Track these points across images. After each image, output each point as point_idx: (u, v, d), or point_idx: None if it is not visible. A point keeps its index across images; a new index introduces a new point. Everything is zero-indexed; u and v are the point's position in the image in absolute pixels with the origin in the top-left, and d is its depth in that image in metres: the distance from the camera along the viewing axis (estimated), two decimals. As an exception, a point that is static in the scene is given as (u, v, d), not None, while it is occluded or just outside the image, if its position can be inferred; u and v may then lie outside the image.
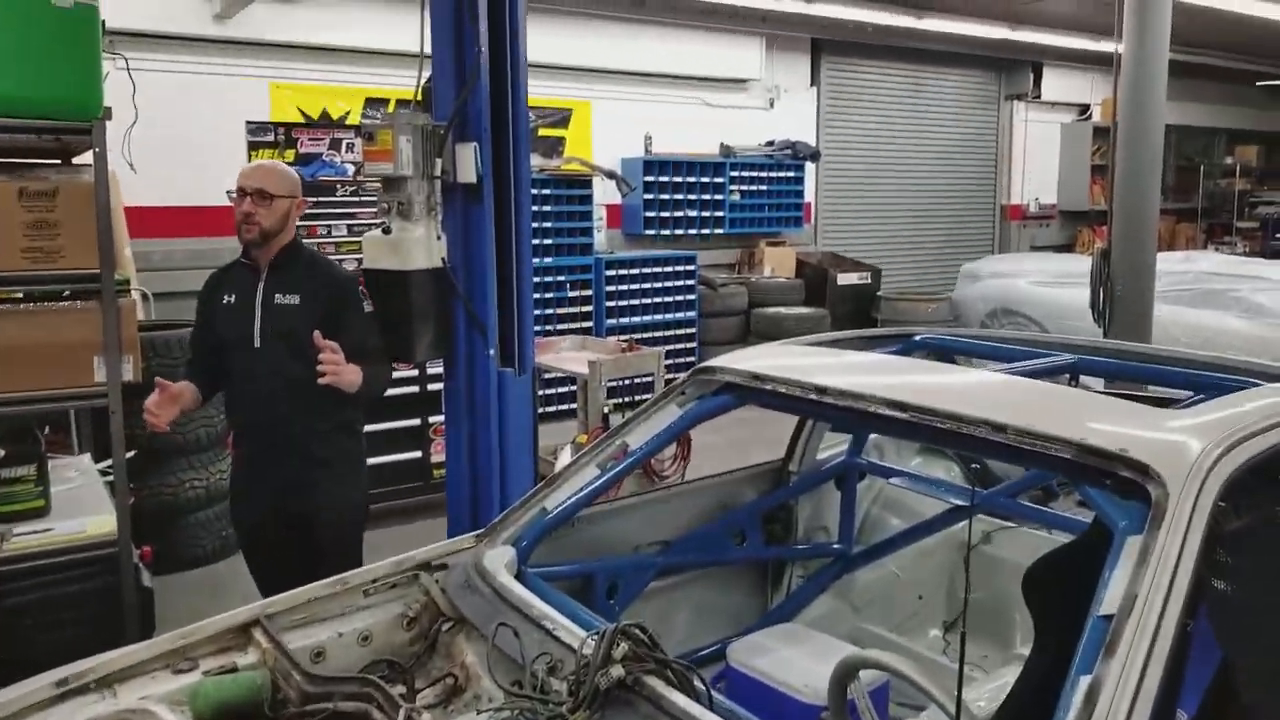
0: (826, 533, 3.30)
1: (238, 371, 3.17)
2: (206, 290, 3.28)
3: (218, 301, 3.21)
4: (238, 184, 3.10)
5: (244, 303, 3.14)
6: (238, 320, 3.14)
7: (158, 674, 2.08)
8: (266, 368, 3.11)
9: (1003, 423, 1.85)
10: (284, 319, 3.10)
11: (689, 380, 2.65)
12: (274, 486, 3.16)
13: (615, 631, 1.74)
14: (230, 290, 3.19)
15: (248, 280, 3.16)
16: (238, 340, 3.14)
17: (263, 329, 3.10)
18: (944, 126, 12.25)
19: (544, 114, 8.95)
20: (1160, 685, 1.42)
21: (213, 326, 3.22)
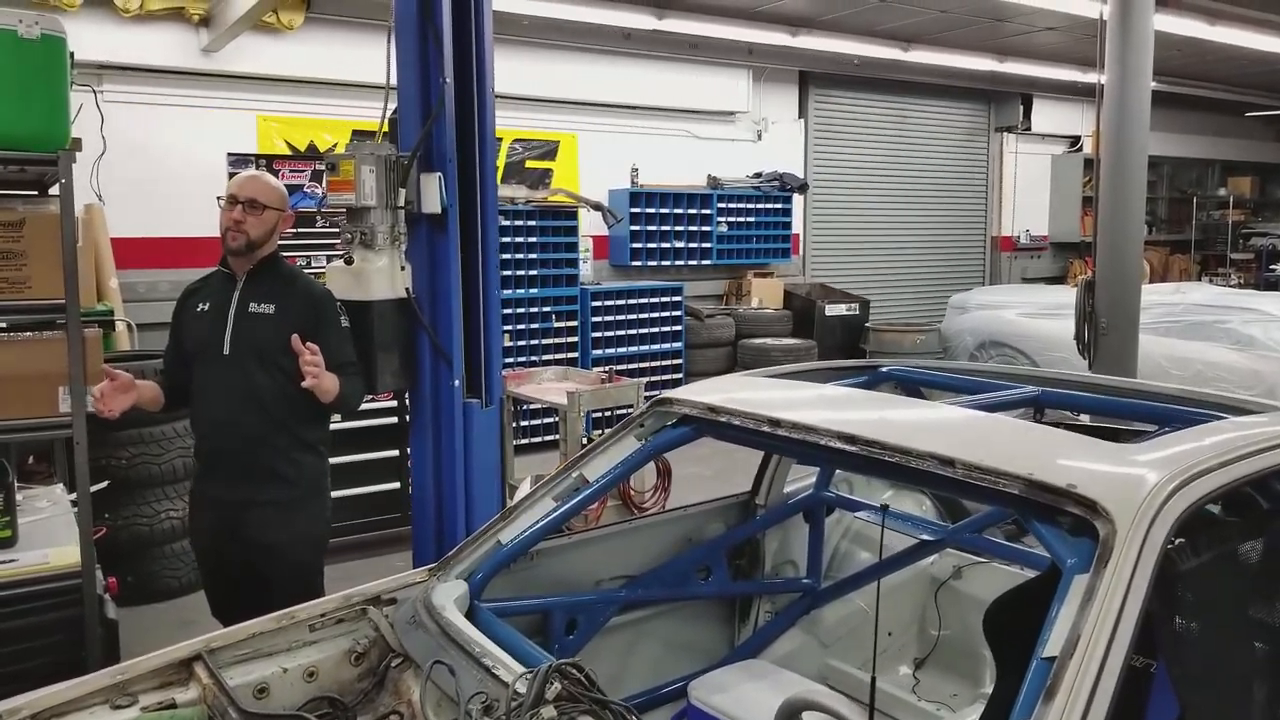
0: (795, 567, 3.26)
1: (203, 380, 3.10)
2: (181, 300, 3.24)
3: (191, 310, 3.16)
4: (229, 191, 3.07)
5: (217, 310, 3.09)
6: (209, 327, 3.08)
7: (95, 709, 2.04)
8: (233, 377, 3.04)
9: (950, 457, 1.82)
10: (256, 329, 3.04)
11: (648, 412, 2.63)
12: (232, 502, 3.06)
13: (549, 670, 1.70)
14: (205, 299, 3.14)
15: (224, 289, 3.12)
16: (206, 347, 3.08)
17: (233, 337, 3.05)
18: (933, 158, 12.32)
19: (531, 146, 8.99)
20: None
21: (183, 336, 3.18)
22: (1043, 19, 9.21)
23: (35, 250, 3.31)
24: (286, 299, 3.07)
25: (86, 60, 6.87)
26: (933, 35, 9.88)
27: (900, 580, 3.18)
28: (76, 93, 3.86)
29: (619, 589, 2.89)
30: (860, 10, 8.82)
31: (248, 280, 3.09)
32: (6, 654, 3.32)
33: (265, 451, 3.05)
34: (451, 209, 3.27)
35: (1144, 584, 1.52)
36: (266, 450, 3.05)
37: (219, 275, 3.17)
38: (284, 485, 3.08)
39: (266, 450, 3.05)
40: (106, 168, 5.37)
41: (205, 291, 3.18)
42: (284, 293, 3.09)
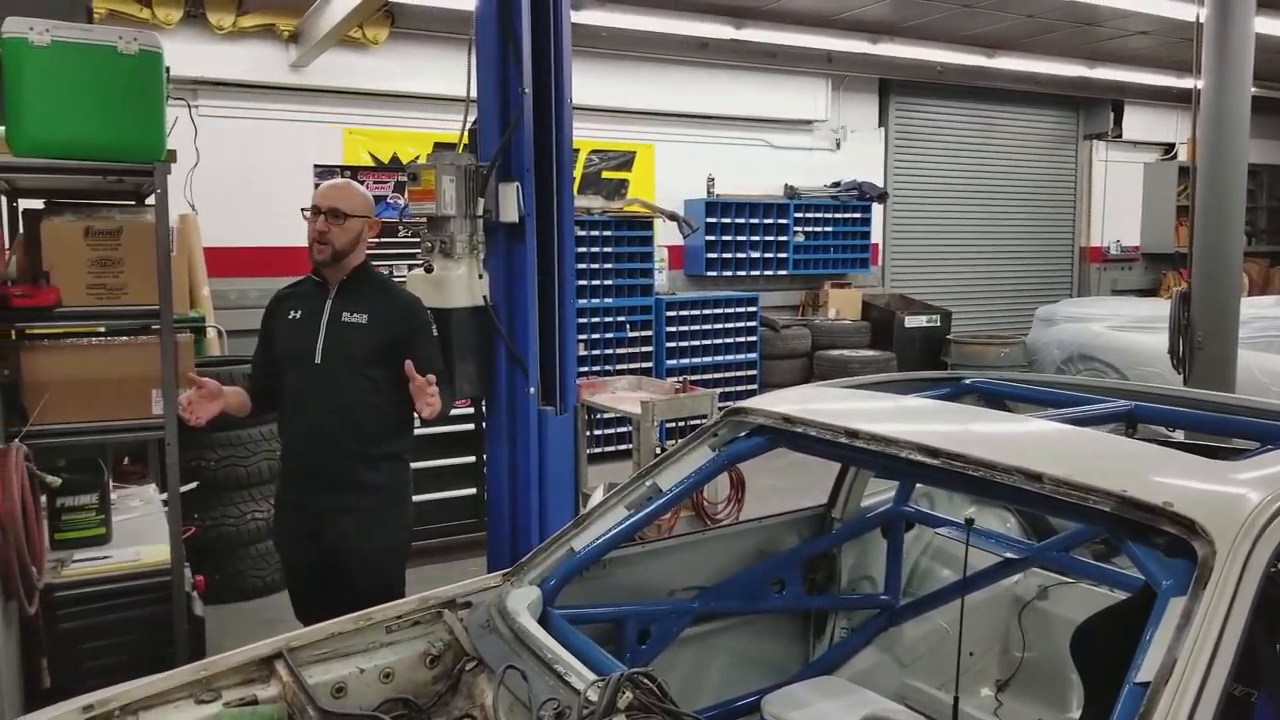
0: (872, 583, 3.20)
1: (294, 388, 3.10)
2: (271, 306, 3.24)
3: (282, 316, 3.17)
4: (312, 202, 3.07)
5: (310, 318, 3.09)
6: (301, 335, 3.09)
7: (181, 703, 2.09)
8: (324, 385, 3.04)
9: (1038, 471, 1.76)
10: (349, 337, 3.05)
11: (721, 422, 2.61)
12: (317, 510, 3.07)
13: (621, 678, 1.69)
14: (296, 306, 3.14)
15: (316, 297, 3.12)
16: (297, 355, 3.08)
17: (326, 346, 3.05)
18: (1019, 166, 12.03)
19: (607, 157, 9.05)
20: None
21: (274, 342, 3.18)
22: (1135, 22, 8.92)
23: (131, 258, 3.45)
24: (379, 308, 3.08)
25: (183, 76, 7.13)
26: (1019, 41, 9.65)
27: (983, 599, 3.09)
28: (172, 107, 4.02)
29: (692, 600, 2.86)
30: (943, 16, 8.67)
31: (340, 289, 3.10)
32: (99, 647, 3.45)
33: (351, 460, 3.05)
34: (529, 218, 3.30)
35: (1245, 609, 1.44)
36: (353, 459, 3.05)
37: (310, 282, 3.18)
38: (369, 494, 3.08)
39: (353, 459, 3.05)
40: (200, 179, 5.58)
41: (297, 298, 3.17)
42: (377, 302, 3.09)
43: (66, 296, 3.37)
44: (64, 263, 3.37)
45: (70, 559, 3.72)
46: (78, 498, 3.83)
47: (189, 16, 7.05)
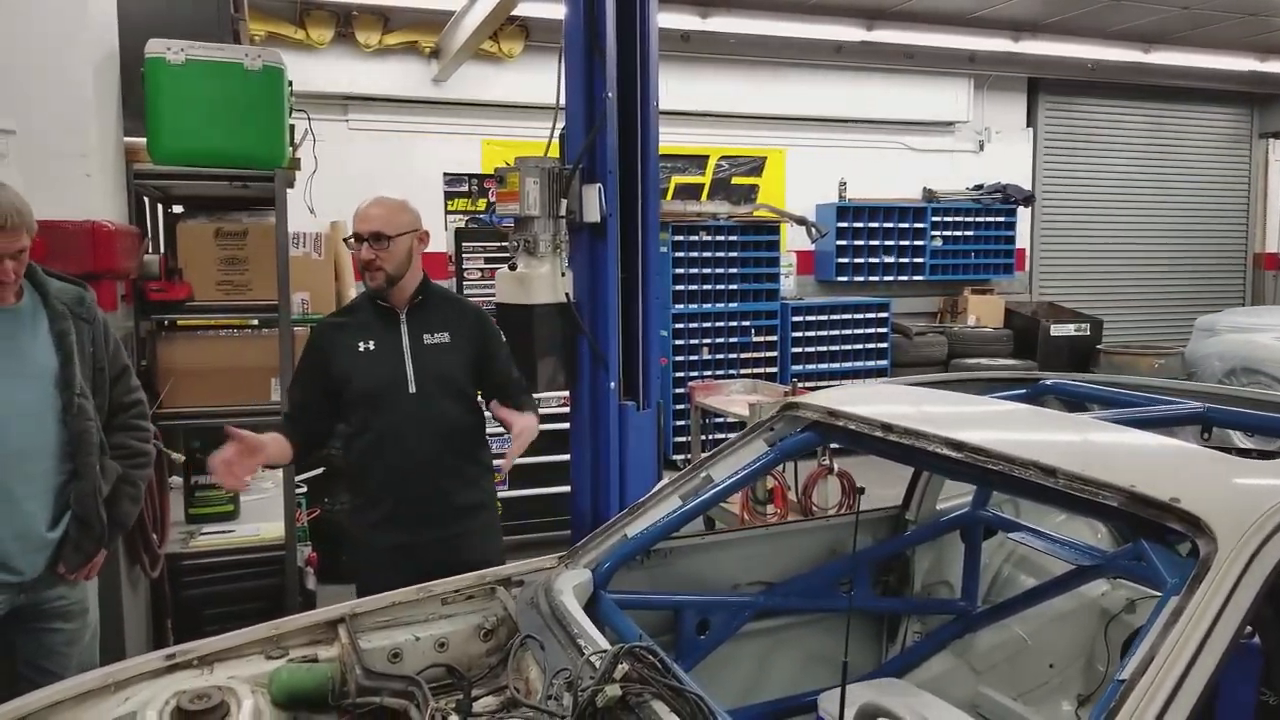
0: (949, 588, 3.12)
1: (384, 422, 2.86)
2: (321, 341, 2.96)
3: (347, 350, 2.88)
4: (354, 229, 2.88)
5: (387, 347, 2.88)
6: (382, 367, 2.87)
7: (251, 657, 2.28)
8: (424, 414, 2.87)
9: (1052, 466, 1.72)
10: (438, 360, 2.90)
11: (778, 416, 2.62)
12: (423, 544, 2.87)
13: (621, 650, 1.75)
14: (364, 336, 2.89)
15: (383, 323, 2.91)
16: (385, 388, 2.86)
17: (418, 373, 2.87)
18: (1183, 168, 11.29)
19: (737, 163, 9.08)
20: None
21: (344, 378, 2.89)
22: (1312, 10, 8.28)
23: (256, 257, 3.76)
24: (456, 324, 2.97)
25: (335, 92, 7.67)
26: (1178, 34, 9.09)
27: (1066, 609, 2.97)
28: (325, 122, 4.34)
29: (757, 594, 2.88)
30: (1090, 10, 8.27)
31: (410, 311, 2.93)
32: (218, 613, 3.77)
33: (457, 484, 2.94)
34: (611, 218, 3.39)
35: (1241, 610, 1.37)
36: (458, 483, 2.95)
37: (371, 308, 2.94)
38: (472, 515, 3.00)
39: (458, 483, 2.95)
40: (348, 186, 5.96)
41: (358, 328, 2.92)
42: (452, 318, 2.98)
43: (197, 292, 3.72)
44: (196, 261, 3.71)
45: (199, 532, 4.08)
46: (209, 477, 4.19)
47: (339, 36, 7.55)
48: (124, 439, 2.73)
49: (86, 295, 2.66)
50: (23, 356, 2.50)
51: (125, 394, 2.75)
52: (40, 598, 2.59)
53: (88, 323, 2.62)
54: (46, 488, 2.54)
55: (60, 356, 2.53)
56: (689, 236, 8.12)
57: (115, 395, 2.70)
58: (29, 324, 2.52)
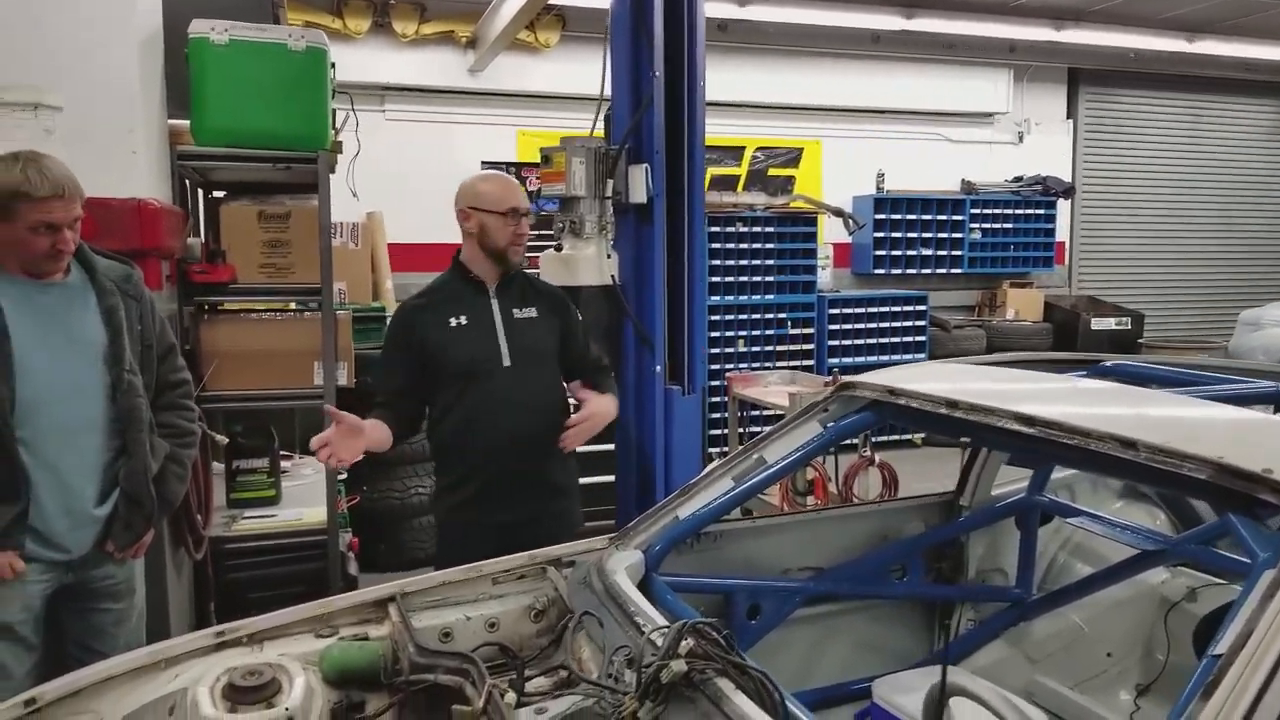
0: (1003, 575, 3.04)
1: (479, 398, 2.86)
2: (409, 320, 2.94)
3: (439, 327, 2.89)
4: (508, 205, 2.89)
5: (480, 322, 2.90)
6: (476, 342, 2.88)
7: (301, 636, 2.26)
8: (519, 389, 2.88)
9: (1132, 439, 1.65)
10: (529, 335, 2.92)
11: (832, 397, 2.57)
12: (516, 523, 2.83)
13: (685, 625, 1.70)
14: (454, 312, 2.90)
15: (472, 298, 2.93)
16: (483, 362, 2.87)
17: (512, 347, 2.88)
18: (1224, 160, 11.07)
19: (773, 154, 9.00)
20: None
21: (438, 355, 2.88)
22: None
23: (299, 240, 3.76)
24: (539, 300, 3.00)
25: (372, 82, 7.67)
26: (1224, 24, 8.90)
27: (1125, 597, 2.89)
28: (362, 113, 4.32)
29: (807, 580, 2.83)
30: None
31: (499, 287, 2.95)
32: (261, 597, 3.77)
33: (550, 460, 2.95)
34: (658, 200, 3.35)
35: (1347, 584, 1.30)
36: (551, 459, 2.95)
37: (456, 284, 2.97)
38: (562, 495, 3.00)
39: (551, 459, 2.95)
40: (384, 177, 5.96)
41: (448, 305, 2.93)
42: (534, 294, 3.01)
43: (240, 274, 3.71)
44: (239, 244, 3.71)
45: (241, 516, 4.09)
46: (251, 461, 4.20)
47: (376, 26, 7.56)
48: (171, 418, 2.72)
49: (134, 273, 2.66)
50: (71, 332, 2.49)
51: (172, 372, 2.74)
52: (88, 577, 2.59)
53: (135, 300, 2.61)
54: (95, 464, 2.54)
55: (109, 332, 2.52)
56: (725, 228, 8.05)
57: (162, 374, 2.70)
58: (78, 300, 2.52)
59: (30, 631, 2.50)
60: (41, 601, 2.51)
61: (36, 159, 2.34)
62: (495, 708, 1.79)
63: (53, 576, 2.52)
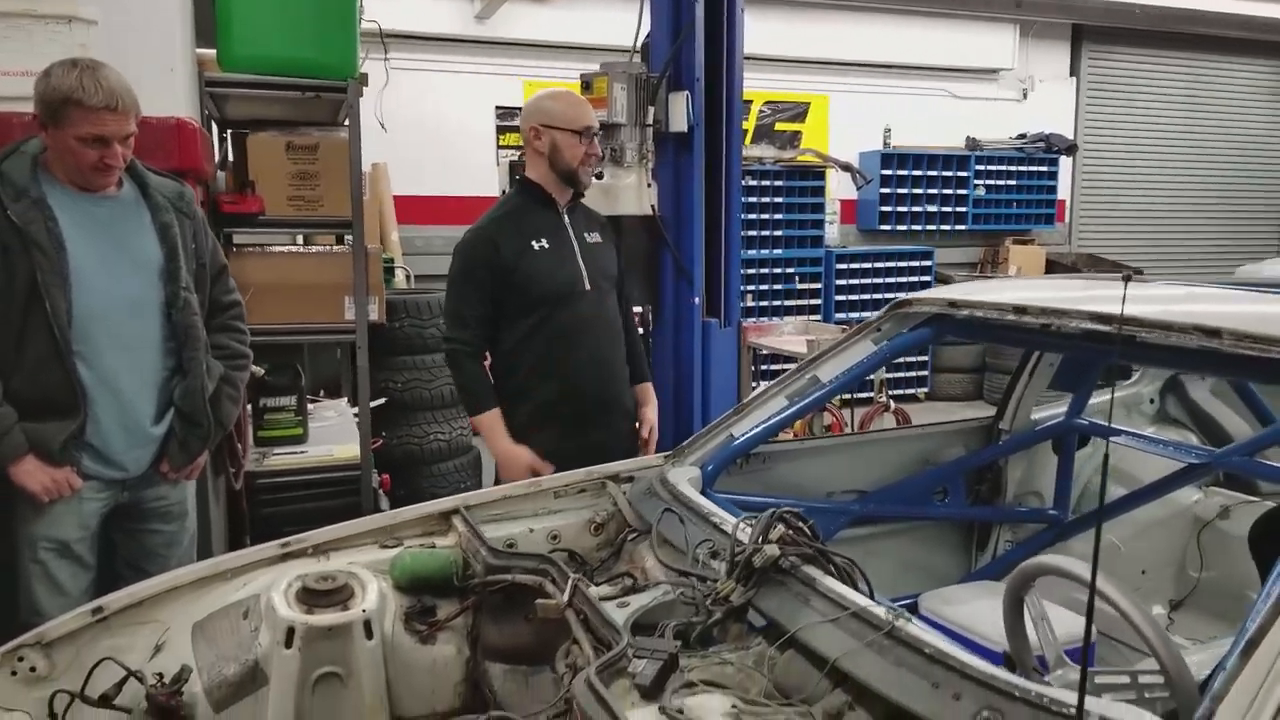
0: (1040, 498, 3.10)
1: (563, 322, 2.84)
2: (490, 242, 2.83)
3: (522, 250, 2.80)
4: (582, 123, 2.82)
5: (560, 245, 2.84)
6: (559, 265, 2.83)
7: (366, 547, 2.29)
8: (599, 313, 2.88)
9: (1216, 327, 1.68)
10: (600, 258, 2.90)
11: (886, 316, 2.58)
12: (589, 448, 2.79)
13: (774, 513, 1.73)
14: (533, 236, 2.83)
15: (548, 221, 2.87)
16: (565, 286, 2.83)
17: (589, 271, 2.86)
18: (1224, 120, 11.10)
19: (780, 108, 8.97)
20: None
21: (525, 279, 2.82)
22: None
23: (328, 172, 3.72)
24: (600, 226, 2.99)
25: (376, 30, 7.56)
26: (1229, -22, 8.91)
27: (1159, 517, 2.96)
28: (370, 61, 4.26)
29: (851, 501, 2.86)
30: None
31: (570, 209, 2.92)
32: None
33: (624, 386, 2.97)
34: (697, 128, 3.35)
35: None
36: (624, 385, 2.98)
37: (531, 206, 2.89)
38: (629, 418, 3.01)
39: (624, 385, 2.98)
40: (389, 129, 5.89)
41: (527, 228, 2.84)
42: (595, 219, 3.00)
43: (269, 206, 3.68)
44: (267, 175, 3.67)
45: (270, 453, 4.09)
46: (278, 399, 4.19)
47: (381, -29, 7.44)
48: (224, 339, 2.72)
49: (186, 190, 2.64)
50: (127, 247, 2.47)
51: (225, 293, 2.73)
52: (141, 497, 2.59)
53: (189, 217, 2.60)
54: (151, 382, 2.53)
55: (165, 249, 2.51)
56: (733, 181, 8.03)
57: (215, 294, 2.69)
58: (132, 215, 2.50)
59: (86, 550, 2.51)
60: (98, 520, 2.52)
61: (95, 67, 2.31)
62: (581, 598, 1.82)
63: (109, 495, 2.52)
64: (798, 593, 1.63)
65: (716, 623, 1.64)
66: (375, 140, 5.64)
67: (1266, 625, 1.25)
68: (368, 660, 1.91)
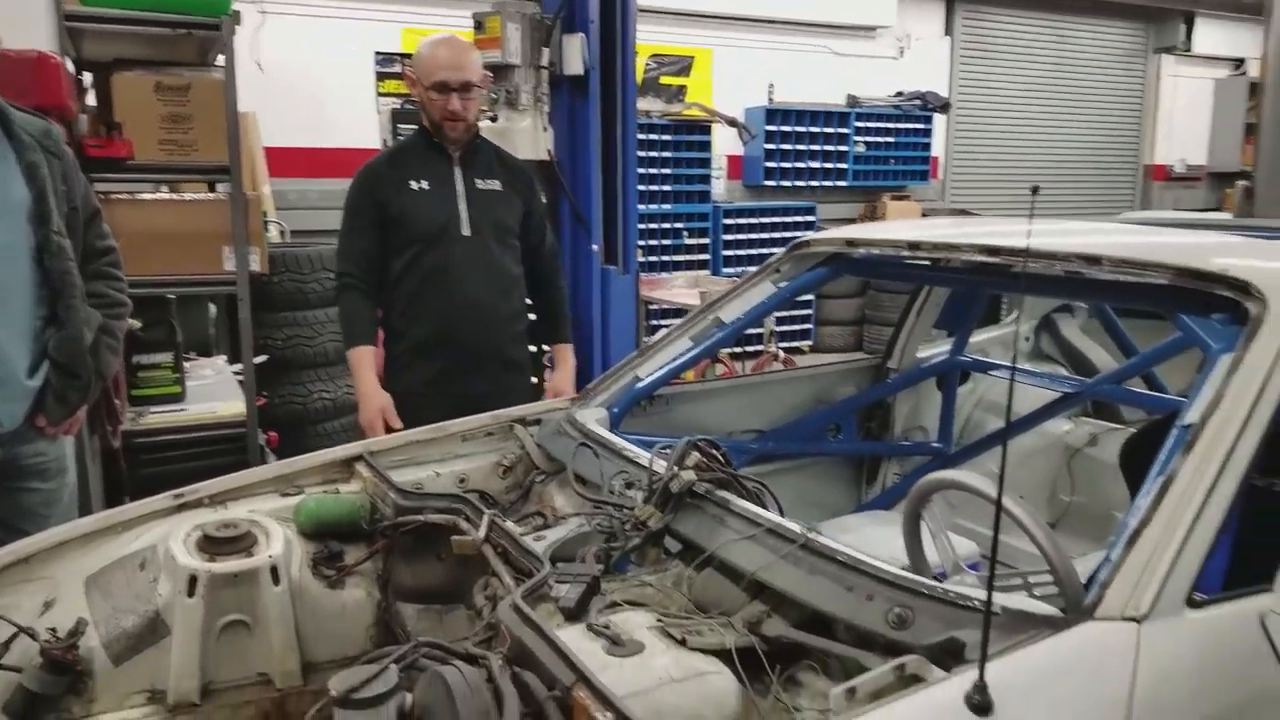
0: (925, 432, 3.25)
1: (434, 264, 2.82)
2: (373, 181, 2.85)
3: (400, 188, 2.80)
4: (437, 78, 2.73)
5: (441, 188, 2.81)
6: (437, 206, 2.80)
7: (266, 495, 2.23)
8: (477, 259, 2.82)
9: (1098, 255, 1.79)
10: (492, 206, 2.85)
11: (785, 257, 2.64)
12: (470, 396, 2.75)
13: (689, 443, 1.77)
14: (415, 175, 2.81)
15: (437, 164, 2.84)
16: (439, 229, 2.80)
17: (472, 216, 2.81)
18: (1087, 80, 11.67)
19: (665, 61, 8.96)
20: (1239, 487, 1.36)
21: (398, 217, 2.82)
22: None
23: (201, 114, 3.54)
24: (504, 173, 2.91)
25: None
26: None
27: (1033, 446, 3.14)
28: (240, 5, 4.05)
29: (751, 440, 2.94)
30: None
31: (464, 154, 2.87)
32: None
33: (506, 338, 2.93)
34: (593, 72, 3.32)
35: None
36: (507, 337, 2.93)
37: (422, 148, 2.88)
38: (516, 371, 2.97)
39: (507, 337, 2.93)
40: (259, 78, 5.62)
41: (410, 167, 2.85)
42: (499, 167, 2.92)
43: (138, 151, 3.48)
44: (135, 118, 3.47)
45: (147, 412, 3.90)
46: (153, 356, 3.99)
47: (253, -90, 7.08)
48: (100, 287, 2.57)
49: (53, 128, 2.47)
50: (-9, 189, 2.31)
51: (99, 239, 2.58)
52: (16, 453, 2.45)
53: (57, 157, 2.44)
54: (23, 331, 2.38)
55: (33, 191, 2.35)
56: (620, 135, 8.01)
57: (89, 239, 2.54)
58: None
59: (-44, 509, 2.37)
60: (-31, 478, 2.38)
61: None
62: (499, 532, 1.82)
63: (-20, 451, 2.38)
64: (714, 515, 1.67)
65: (635, 547, 1.67)
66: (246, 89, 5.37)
67: (1147, 519, 1.35)
68: (275, 607, 1.87)
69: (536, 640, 1.29)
